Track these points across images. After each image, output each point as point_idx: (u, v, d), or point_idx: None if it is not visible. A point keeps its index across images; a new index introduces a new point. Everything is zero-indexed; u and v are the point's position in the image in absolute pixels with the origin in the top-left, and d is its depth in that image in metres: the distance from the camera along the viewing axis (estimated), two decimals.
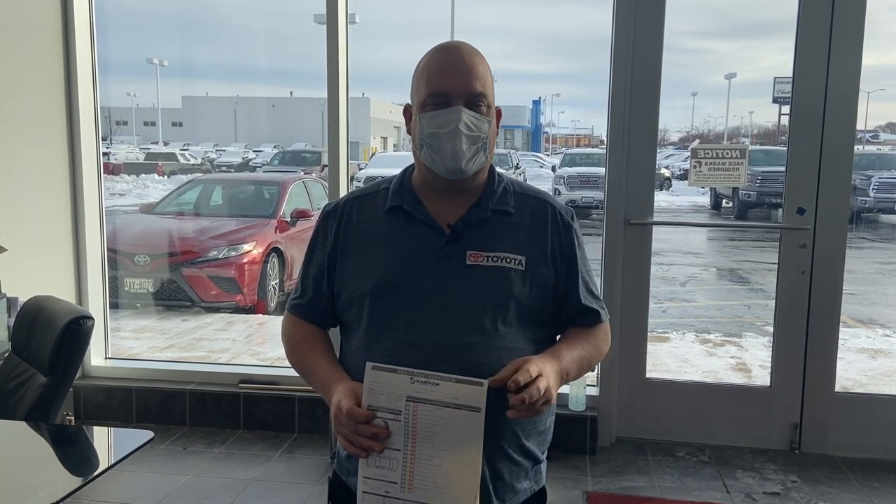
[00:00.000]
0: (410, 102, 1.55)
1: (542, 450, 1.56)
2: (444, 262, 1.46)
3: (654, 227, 3.79)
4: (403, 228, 1.51)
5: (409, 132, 1.56)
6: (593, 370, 1.59)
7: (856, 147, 3.65)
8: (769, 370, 3.85)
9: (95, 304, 4.15)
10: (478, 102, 1.47)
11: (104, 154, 4.49)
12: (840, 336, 3.73)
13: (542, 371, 1.35)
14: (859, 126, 3.66)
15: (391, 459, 1.33)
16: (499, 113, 1.55)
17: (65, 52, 3.96)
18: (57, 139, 3.98)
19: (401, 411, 1.32)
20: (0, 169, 3.66)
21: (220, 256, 6.55)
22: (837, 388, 3.76)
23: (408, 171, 1.60)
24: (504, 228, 1.51)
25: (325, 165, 4.28)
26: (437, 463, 1.31)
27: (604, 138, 3.89)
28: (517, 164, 16.15)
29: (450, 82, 1.46)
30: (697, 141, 7.52)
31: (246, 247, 6.64)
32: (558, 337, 1.56)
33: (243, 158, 19.90)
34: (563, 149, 23.68)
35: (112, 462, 2.05)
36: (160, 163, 17.64)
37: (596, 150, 16.85)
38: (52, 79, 3.93)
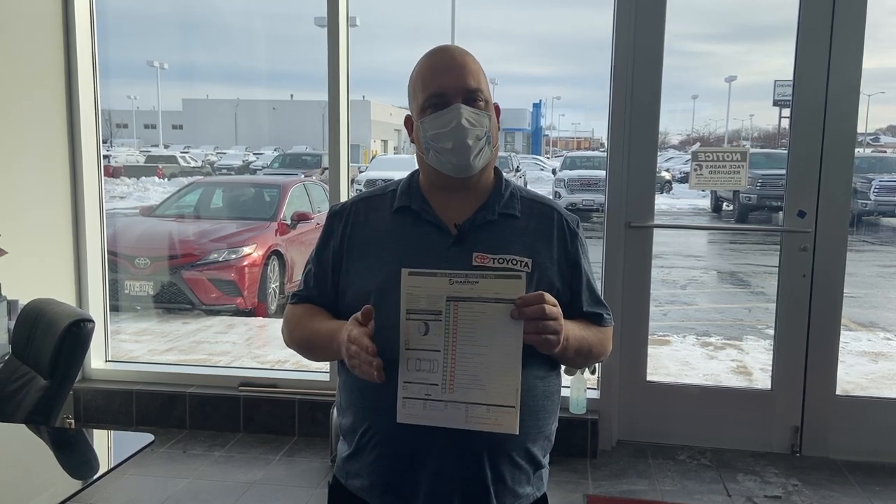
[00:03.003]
0: (410, 112, 1.56)
1: (545, 455, 1.56)
2: (450, 262, 1.45)
3: (655, 230, 3.79)
4: (411, 228, 1.51)
5: (412, 141, 1.56)
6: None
7: (856, 150, 3.65)
8: (770, 373, 3.85)
9: (95, 307, 4.15)
10: (475, 98, 1.49)
11: (104, 157, 4.48)
12: (841, 339, 3.73)
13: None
14: (860, 129, 3.66)
15: (431, 361, 1.33)
16: (497, 109, 1.56)
17: (66, 54, 3.97)
18: (57, 142, 3.98)
19: (441, 311, 1.32)
20: (1, 171, 3.66)
21: (221, 259, 6.54)
22: (838, 392, 3.76)
23: (415, 174, 1.60)
24: (510, 231, 1.51)
25: (326, 168, 4.29)
26: (477, 360, 1.32)
27: (604, 141, 3.89)
28: (518, 166, 16.12)
29: (445, 81, 1.48)
30: (698, 144, 7.53)
31: (246, 249, 6.64)
32: None
33: (244, 161, 19.90)
34: (564, 152, 23.64)
35: (112, 465, 2.04)
36: (160, 165, 17.61)
37: (596, 153, 16.82)
38: (52, 81, 3.93)
